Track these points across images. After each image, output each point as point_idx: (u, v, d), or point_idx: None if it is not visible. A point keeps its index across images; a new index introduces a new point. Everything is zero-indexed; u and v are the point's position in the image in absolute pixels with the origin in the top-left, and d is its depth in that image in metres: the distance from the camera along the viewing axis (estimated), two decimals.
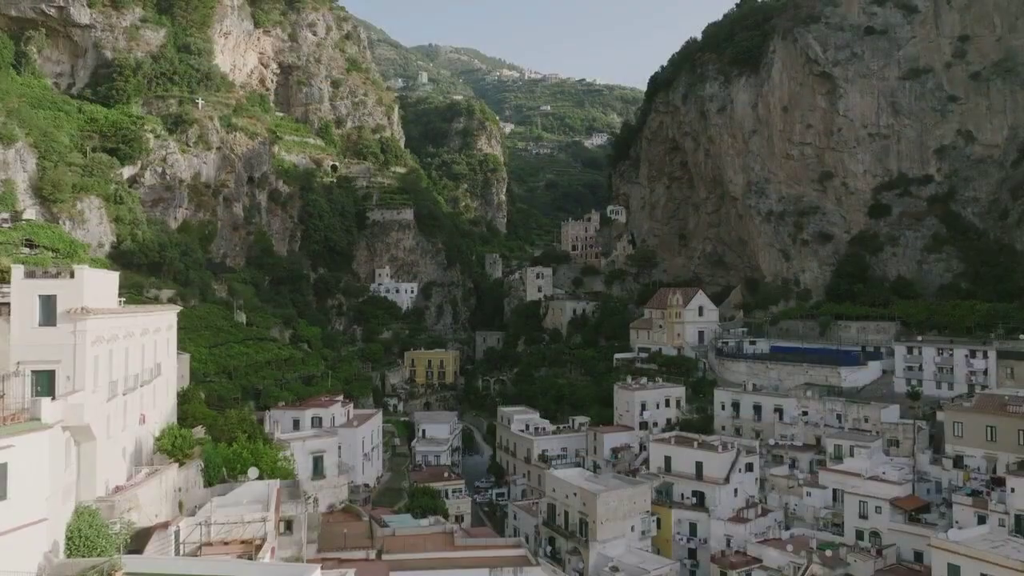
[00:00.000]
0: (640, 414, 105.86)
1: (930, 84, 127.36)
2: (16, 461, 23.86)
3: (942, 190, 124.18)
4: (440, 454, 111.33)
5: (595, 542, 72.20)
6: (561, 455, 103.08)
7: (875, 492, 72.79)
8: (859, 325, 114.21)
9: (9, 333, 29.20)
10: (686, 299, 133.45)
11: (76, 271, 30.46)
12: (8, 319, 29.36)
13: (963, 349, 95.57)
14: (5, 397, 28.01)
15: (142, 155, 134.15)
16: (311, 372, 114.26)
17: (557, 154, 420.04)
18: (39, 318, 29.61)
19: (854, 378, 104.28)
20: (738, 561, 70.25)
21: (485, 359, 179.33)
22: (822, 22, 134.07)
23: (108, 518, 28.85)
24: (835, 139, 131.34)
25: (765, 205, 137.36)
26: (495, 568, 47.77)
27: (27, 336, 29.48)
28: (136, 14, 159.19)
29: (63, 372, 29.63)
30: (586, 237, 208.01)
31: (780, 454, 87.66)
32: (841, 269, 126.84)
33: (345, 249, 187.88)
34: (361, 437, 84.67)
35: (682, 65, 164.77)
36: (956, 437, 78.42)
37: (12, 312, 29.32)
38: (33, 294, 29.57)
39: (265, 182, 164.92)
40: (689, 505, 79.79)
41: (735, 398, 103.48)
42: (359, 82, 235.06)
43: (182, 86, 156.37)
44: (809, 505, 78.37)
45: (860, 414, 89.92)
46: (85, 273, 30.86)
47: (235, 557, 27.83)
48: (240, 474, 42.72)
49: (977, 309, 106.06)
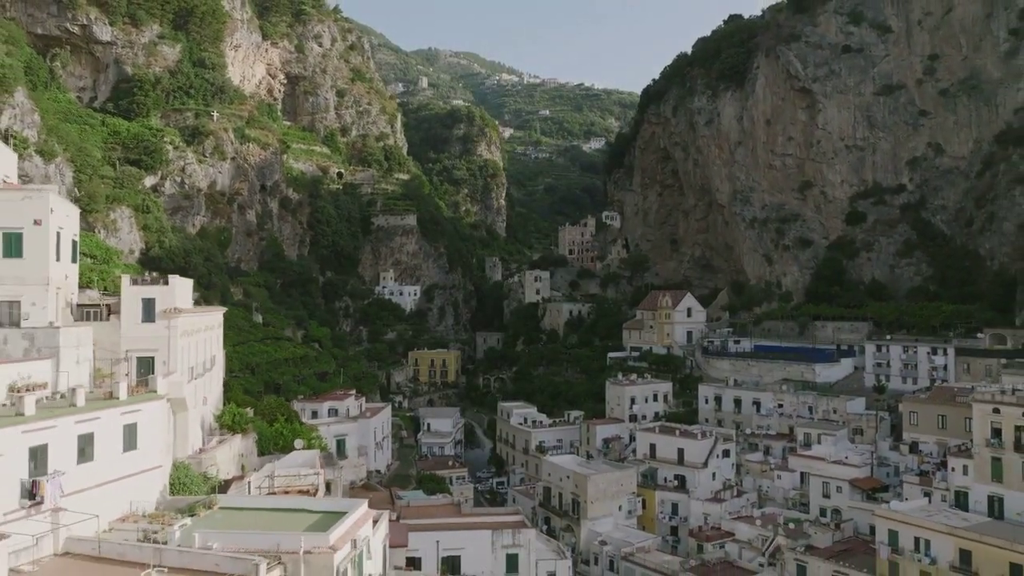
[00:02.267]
0: (630, 408, 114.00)
1: (903, 99, 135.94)
2: (142, 422, 32.17)
3: (913, 199, 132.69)
4: (444, 445, 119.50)
5: (586, 520, 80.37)
6: (557, 446, 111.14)
7: (837, 474, 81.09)
8: (835, 325, 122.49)
9: (120, 328, 37.52)
10: (675, 301, 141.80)
11: (170, 280, 38.78)
12: (119, 317, 37.67)
13: (926, 347, 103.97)
14: (115, 376, 36.43)
15: (162, 166, 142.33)
16: (324, 369, 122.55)
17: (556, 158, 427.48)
18: (141, 316, 37.93)
19: (828, 374, 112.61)
20: (713, 535, 78.45)
21: (485, 358, 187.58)
22: (802, 40, 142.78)
23: (197, 471, 37.23)
24: (814, 150, 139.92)
25: (749, 212, 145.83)
26: (497, 530, 56.08)
27: (132, 330, 37.79)
28: (154, 31, 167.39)
29: (160, 358, 37.95)
30: (582, 241, 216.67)
31: (756, 442, 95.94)
32: (820, 273, 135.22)
33: (351, 253, 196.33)
34: (374, 427, 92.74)
35: (673, 78, 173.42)
36: (912, 425, 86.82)
37: (122, 312, 37.63)
38: (137, 298, 37.89)
39: (276, 190, 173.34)
40: (671, 487, 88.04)
41: (717, 392, 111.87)
42: (363, 91, 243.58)
43: (197, 99, 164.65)
44: (779, 487, 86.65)
45: (829, 406, 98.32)
46: (176, 281, 39.18)
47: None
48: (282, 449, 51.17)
49: (942, 310, 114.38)
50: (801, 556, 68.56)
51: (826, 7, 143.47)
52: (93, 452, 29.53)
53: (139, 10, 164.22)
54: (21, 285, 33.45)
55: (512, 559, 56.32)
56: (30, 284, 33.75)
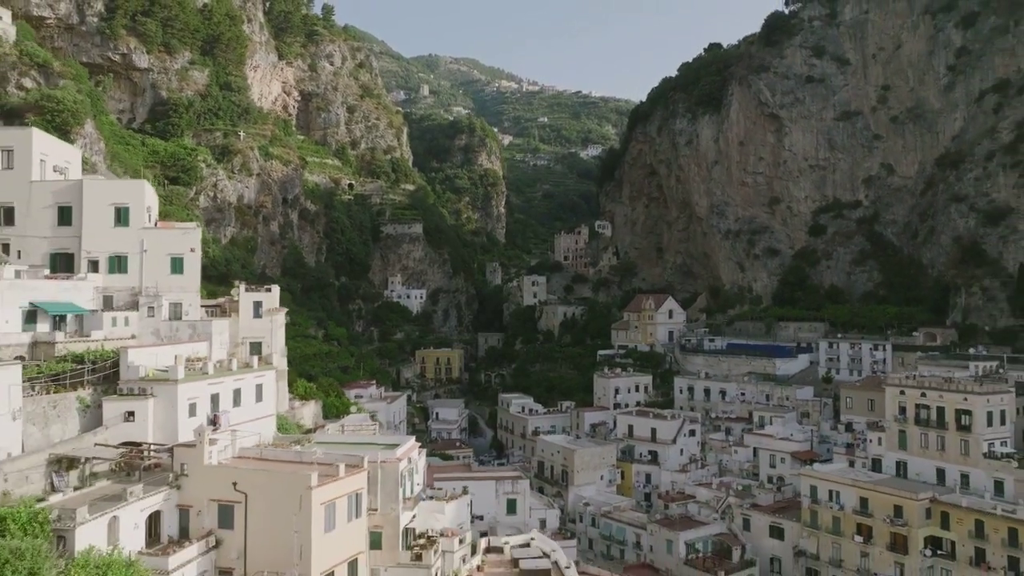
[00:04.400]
0: (614, 397, 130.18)
1: (859, 125, 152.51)
2: (265, 383, 48.50)
3: (868, 213, 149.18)
4: (451, 431, 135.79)
5: (573, 486, 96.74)
6: (550, 430, 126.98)
7: (782, 448, 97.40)
8: (796, 325, 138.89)
9: (239, 321, 53.84)
10: (658, 304, 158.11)
11: (272, 288, 55.09)
12: (238, 314, 54.00)
13: (868, 344, 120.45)
14: (238, 354, 52.69)
15: (197, 182, 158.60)
16: (345, 364, 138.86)
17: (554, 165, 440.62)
18: (252, 313, 54.29)
19: (786, 367, 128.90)
20: (677, 497, 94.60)
21: (487, 356, 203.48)
22: (771, 71, 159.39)
23: (291, 421, 53.60)
24: (782, 170, 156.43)
25: (725, 224, 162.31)
26: (499, 480, 72.33)
27: (246, 323, 54.11)
28: (185, 57, 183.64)
29: (265, 343, 54.30)
30: (576, 249, 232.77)
31: (719, 424, 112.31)
32: (785, 279, 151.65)
33: (363, 259, 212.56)
34: (393, 411, 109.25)
35: (658, 101, 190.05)
36: (848, 408, 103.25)
37: (240, 310, 53.99)
38: (250, 300, 54.26)
39: (296, 202, 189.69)
40: (646, 461, 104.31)
41: (691, 384, 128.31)
42: (372, 107, 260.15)
43: (225, 120, 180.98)
44: (736, 460, 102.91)
45: (783, 394, 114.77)
46: (275, 288, 55.54)
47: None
48: (336, 416, 67.51)
49: (888, 312, 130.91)
50: (746, 511, 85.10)
51: (792, 41, 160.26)
52: (241, 400, 45.93)
53: (172, 39, 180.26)
54: (183, 292, 49.73)
55: (511, 503, 72.42)
56: (187, 292, 50.06)
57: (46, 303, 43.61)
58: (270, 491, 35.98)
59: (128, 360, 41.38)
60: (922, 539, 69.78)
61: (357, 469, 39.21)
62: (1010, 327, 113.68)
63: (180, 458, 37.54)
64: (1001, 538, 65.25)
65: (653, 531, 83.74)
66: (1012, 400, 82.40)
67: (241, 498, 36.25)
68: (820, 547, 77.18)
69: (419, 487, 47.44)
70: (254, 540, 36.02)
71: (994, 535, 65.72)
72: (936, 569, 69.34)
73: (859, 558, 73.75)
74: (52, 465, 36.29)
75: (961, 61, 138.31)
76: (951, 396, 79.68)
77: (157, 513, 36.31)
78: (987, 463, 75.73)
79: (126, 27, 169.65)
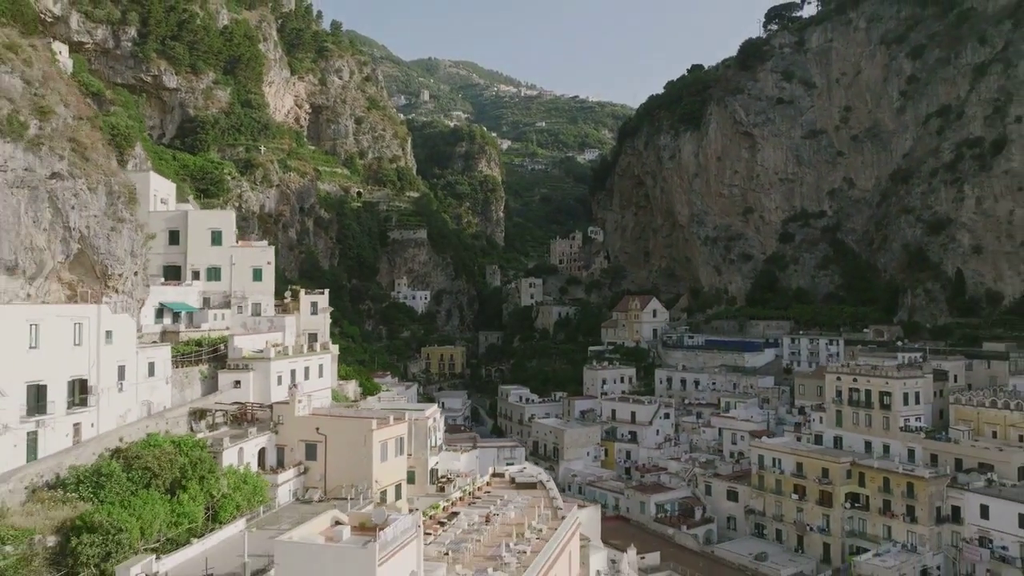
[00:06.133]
0: (602, 387, 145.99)
1: (824, 142, 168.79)
2: (325, 363, 64.60)
3: (832, 222, 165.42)
4: (456, 418, 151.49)
5: (563, 461, 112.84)
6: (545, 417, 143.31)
7: (743, 428, 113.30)
8: (765, 323, 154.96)
9: (299, 319, 69.96)
10: (643, 305, 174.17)
11: (324, 292, 71.14)
12: (299, 312, 70.09)
13: (825, 340, 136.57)
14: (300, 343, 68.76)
15: (224, 193, 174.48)
16: (361, 358, 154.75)
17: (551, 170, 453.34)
18: (310, 311, 70.38)
19: (754, 360, 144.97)
20: (652, 469, 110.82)
21: (487, 353, 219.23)
22: (745, 93, 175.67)
23: (341, 393, 69.72)
24: (755, 182, 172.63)
25: (704, 232, 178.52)
26: (500, 448, 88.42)
27: (306, 319, 70.23)
28: (210, 77, 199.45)
29: (320, 334, 70.43)
30: (571, 252, 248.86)
31: (691, 409, 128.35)
32: (758, 281, 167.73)
33: (372, 263, 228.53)
34: (409, 396, 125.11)
35: (644, 118, 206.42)
36: (801, 394, 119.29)
37: (300, 309, 70.09)
38: (308, 301, 70.33)
39: (312, 211, 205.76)
40: (626, 440, 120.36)
41: (669, 375, 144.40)
42: (378, 119, 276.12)
43: (247, 135, 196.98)
44: (704, 439, 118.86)
45: (747, 383, 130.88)
46: (326, 292, 71.66)
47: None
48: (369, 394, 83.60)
49: (845, 311, 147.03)
50: (708, 479, 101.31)
51: (764, 66, 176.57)
52: (308, 375, 61.97)
53: (198, 60, 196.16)
54: (262, 295, 65.79)
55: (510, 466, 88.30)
56: (265, 295, 66.13)
57: (170, 303, 59.68)
58: (343, 433, 52.03)
59: (234, 344, 57.46)
60: (843, 495, 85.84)
61: (401, 420, 55.27)
62: (947, 324, 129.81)
63: (277, 412, 53.61)
64: (902, 491, 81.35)
65: (629, 495, 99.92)
66: (929, 384, 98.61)
67: (322, 439, 52.27)
68: (766, 505, 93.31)
69: (441, 440, 63.51)
70: (331, 468, 52.02)
71: (897, 489, 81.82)
72: (855, 519, 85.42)
73: (796, 512, 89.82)
74: (191, 415, 52.35)
75: (911, 88, 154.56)
76: (876, 381, 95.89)
77: (263, 449, 52.36)
78: (903, 435, 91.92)
79: (157, 51, 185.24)
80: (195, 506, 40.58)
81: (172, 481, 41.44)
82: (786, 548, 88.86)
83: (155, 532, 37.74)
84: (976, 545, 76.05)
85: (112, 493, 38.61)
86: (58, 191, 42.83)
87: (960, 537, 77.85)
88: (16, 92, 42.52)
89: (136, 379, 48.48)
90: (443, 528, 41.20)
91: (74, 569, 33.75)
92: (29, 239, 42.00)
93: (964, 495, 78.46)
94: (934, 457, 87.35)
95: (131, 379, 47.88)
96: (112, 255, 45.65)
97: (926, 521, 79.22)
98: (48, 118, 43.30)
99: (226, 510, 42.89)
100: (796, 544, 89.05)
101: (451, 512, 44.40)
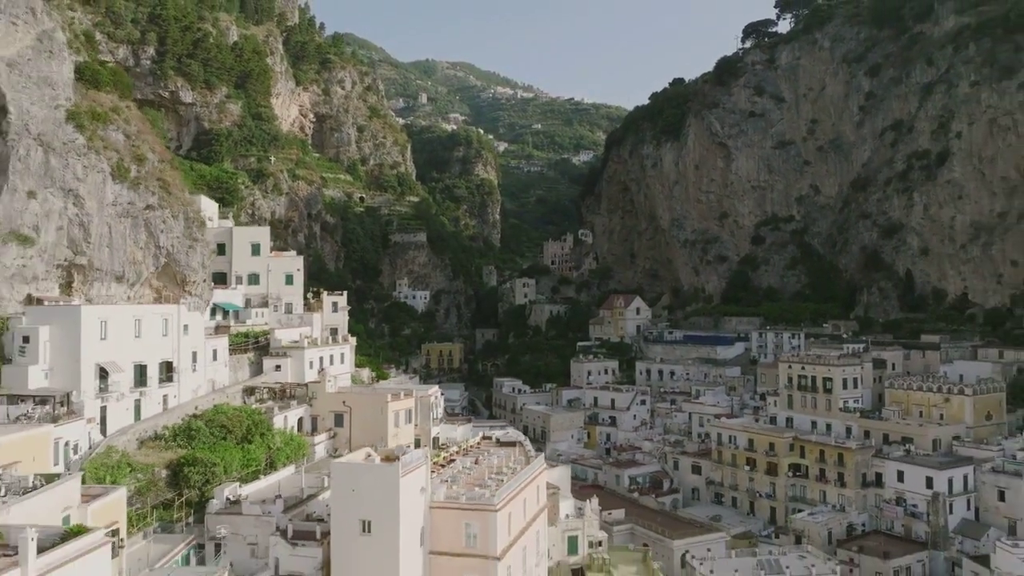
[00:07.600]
0: (587, 379, 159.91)
1: (792, 152, 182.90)
2: (345, 352, 78.70)
3: (800, 227, 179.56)
4: (454, 407, 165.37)
5: (550, 443, 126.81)
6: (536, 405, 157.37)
7: (709, 412, 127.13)
8: (737, 320, 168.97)
9: (322, 315, 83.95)
10: (627, 303, 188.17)
11: (343, 294, 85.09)
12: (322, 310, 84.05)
13: (788, 334, 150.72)
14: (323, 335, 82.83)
15: (238, 201, 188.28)
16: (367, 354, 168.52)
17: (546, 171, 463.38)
18: (331, 309, 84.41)
19: (726, 353, 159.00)
20: (627, 448, 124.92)
21: (483, 349, 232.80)
22: (720, 107, 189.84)
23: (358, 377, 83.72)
24: (729, 189, 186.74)
25: (683, 235, 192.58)
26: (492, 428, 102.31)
27: (328, 316, 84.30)
28: (223, 92, 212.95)
29: (340, 329, 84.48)
30: (562, 254, 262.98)
31: (666, 396, 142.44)
32: (732, 281, 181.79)
33: (374, 265, 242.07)
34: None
35: (630, 128, 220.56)
36: (762, 383, 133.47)
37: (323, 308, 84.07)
38: (330, 301, 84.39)
39: (319, 216, 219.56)
40: (607, 424, 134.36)
41: (648, 367, 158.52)
42: (379, 127, 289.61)
43: (258, 146, 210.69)
44: (676, 423, 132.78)
45: (718, 373, 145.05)
46: (345, 293, 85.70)
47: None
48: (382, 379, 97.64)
49: (809, 308, 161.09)
50: (676, 456, 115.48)
51: (738, 81, 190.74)
52: (333, 362, 76.00)
53: (212, 76, 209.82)
54: (293, 297, 79.85)
55: None
56: (295, 296, 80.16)
57: (221, 303, 73.70)
58: (364, 405, 66.03)
59: (275, 336, 71.53)
60: (787, 465, 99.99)
61: (409, 396, 69.31)
62: (897, 319, 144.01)
63: (312, 389, 67.67)
64: (834, 461, 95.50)
65: (606, 470, 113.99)
66: (868, 371, 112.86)
67: (347, 409, 66.28)
68: (723, 476, 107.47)
69: (441, 415, 77.56)
70: (355, 432, 65.97)
71: (830, 459, 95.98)
72: (796, 486, 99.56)
73: (748, 482, 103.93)
74: (244, 391, 66.37)
75: (869, 103, 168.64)
76: (820, 368, 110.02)
77: (301, 418, 66.40)
78: (842, 415, 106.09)
79: (174, 68, 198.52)
80: (259, 453, 54.69)
81: (241, 436, 55.52)
82: (739, 512, 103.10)
83: (232, 471, 51.82)
84: (894, 504, 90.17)
85: (200, 443, 52.74)
86: (151, 219, 56.86)
87: (881, 499, 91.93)
88: (120, 144, 56.64)
89: (204, 362, 62.53)
90: (444, 469, 55.14)
91: (182, 491, 47.76)
92: (131, 255, 56.04)
93: (885, 463, 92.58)
94: (867, 433, 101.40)
95: (201, 362, 61.94)
96: (189, 266, 59.66)
97: (853, 485, 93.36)
98: (143, 164, 57.34)
99: (279, 459, 56.96)
100: (748, 509, 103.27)
101: (449, 460, 58.25)
